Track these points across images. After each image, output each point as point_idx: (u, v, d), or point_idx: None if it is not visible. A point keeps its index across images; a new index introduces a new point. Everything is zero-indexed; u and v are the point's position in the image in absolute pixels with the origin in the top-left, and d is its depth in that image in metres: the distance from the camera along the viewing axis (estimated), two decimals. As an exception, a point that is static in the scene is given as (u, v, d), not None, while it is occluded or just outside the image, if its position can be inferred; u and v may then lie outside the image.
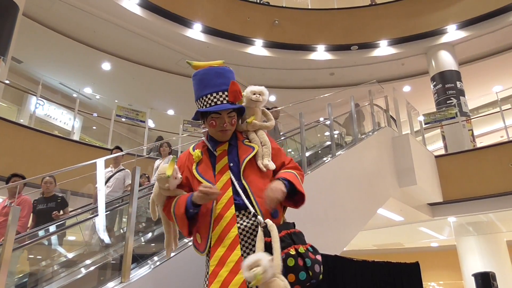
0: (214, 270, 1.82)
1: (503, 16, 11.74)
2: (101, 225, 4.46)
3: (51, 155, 8.78)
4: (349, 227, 5.97)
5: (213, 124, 2.02)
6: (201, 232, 1.96)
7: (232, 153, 2.06)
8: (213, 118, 2.02)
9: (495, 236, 11.47)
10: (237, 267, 1.78)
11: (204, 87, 2.06)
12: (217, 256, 1.84)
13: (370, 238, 14.18)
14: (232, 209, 1.89)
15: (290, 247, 1.77)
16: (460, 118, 11.18)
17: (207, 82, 2.06)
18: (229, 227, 1.86)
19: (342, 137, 8.74)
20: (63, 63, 12.70)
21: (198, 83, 2.10)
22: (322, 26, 13.22)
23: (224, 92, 2.03)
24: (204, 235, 1.93)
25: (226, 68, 2.13)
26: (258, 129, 2.19)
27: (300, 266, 1.73)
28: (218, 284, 1.79)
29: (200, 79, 2.10)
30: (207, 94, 2.04)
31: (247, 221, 1.89)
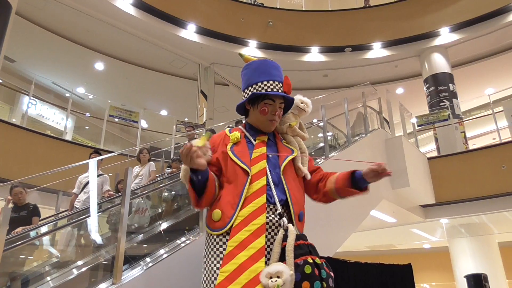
0: (232, 251, 1.75)
1: (496, 19, 11.82)
2: (94, 226, 4.43)
3: (43, 155, 8.72)
4: (342, 228, 5.98)
5: (265, 111, 2.03)
6: (224, 210, 1.88)
7: (271, 146, 2.07)
8: (266, 104, 2.03)
9: (487, 238, 11.54)
10: (258, 254, 1.73)
11: (260, 74, 2.08)
12: (238, 238, 1.77)
13: (363, 240, 14.23)
14: (263, 198, 1.86)
15: (307, 255, 1.76)
16: (452, 120, 11.24)
17: (263, 70, 2.09)
18: (258, 214, 1.82)
19: (335, 138, 8.76)
20: (56, 62, 12.63)
21: (253, 71, 2.11)
22: (316, 27, 13.25)
23: (280, 82, 2.08)
24: (228, 214, 1.86)
25: (279, 65, 2.19)
26: (296, 135, 2.24)
27: (316, 275, 1.71)
28: (233, 266, 1.71)
29: (256, 67, 2.12)
30: (263, 80, 2.05)
31: (273, 217, 1.86)
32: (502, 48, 13.00)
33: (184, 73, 13.47)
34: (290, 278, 1.62)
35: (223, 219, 1.86)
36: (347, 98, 8.00)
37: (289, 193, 1.93)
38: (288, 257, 1.71)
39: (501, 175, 9.26)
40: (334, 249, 5.53)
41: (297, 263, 1.71)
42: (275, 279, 1.60)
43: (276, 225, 1.85)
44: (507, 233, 12.46)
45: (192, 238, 3.28)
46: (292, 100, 2.16)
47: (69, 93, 12.62)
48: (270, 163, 1.98)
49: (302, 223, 2.01)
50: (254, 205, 1.84)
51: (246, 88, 2.10)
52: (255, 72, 2.10)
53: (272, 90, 2.03)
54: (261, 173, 1.92)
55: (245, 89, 2.11)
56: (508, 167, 9.25)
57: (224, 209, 1.88)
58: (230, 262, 1.72)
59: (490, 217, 10.69)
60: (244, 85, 2.12)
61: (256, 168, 1.93)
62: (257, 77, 2.07)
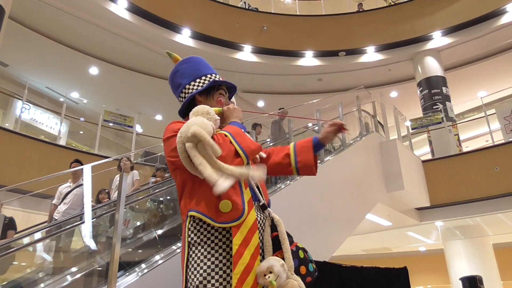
0: (239, 250, 1.62)
1: (487, 22, 11.92)
2: (87, 232, 4.40)
3: (37, 160, 8.68)
4: (338, 232, 5.99)
5: (221, 101, 1.99)
6: (233, 199, 1.68)
7: None
8: (221, 94, 2.01)
9: (481, 240, 11.58)
10: (256, 252, 1.66)
11: (206, 68, 2.06)
12: (241, 235, 1.64)
13: (358, 243, 14.23)
14: (249, 191, 1.77)
15: (294, 242, 1.80)
16: (446, 123, 11.30)
17: (207, 65, 2.09)
18: (250, 208, 1.72)
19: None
20: (50, 67, 12.58)
21: (197, 64, 2.08)
22: (310, 32, 13.30)
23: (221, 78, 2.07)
24: (239, 202, 1.68)
25: None
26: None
27: (307, 258, 1.78)
28: (242, 266, 1.60)
29: (198, 61, 2.11)
30: (212, 73, 2.04)
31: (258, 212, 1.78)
32: (494, 51, 13.10)
33: (179, 77, 13.43)
34: (282, 269, 1.61)
35: (236, 208, 1.67)
36: (342, 102, 8.03)
37: (258, 184, 1.88)
38: (284, 245, 1.72)
39: (494, 177, 9.32)
40: (330, 253, 5.53)
41: (292, 250, 1.73)
42: (268, 276, 1.59)
43: (260, 220, 1.76)
44: (502, 235, 12.52)
45: (188, 244, 3.27)
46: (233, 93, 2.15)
47: (63, 97, 12.57)
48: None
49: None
50: (246, 198, 1.74)
51: (193, 80, 2.00)
52: (199, 65, 2.08)
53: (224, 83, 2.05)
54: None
55: (191, 82, 2.00)
56: (501, 169, 9.31)
57: (233, 198, 1.68)
58: (239, 262, 1.60)
59: (484, 219, 10.74)
60: (188, 79, 2.02)
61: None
62: (203, 69, 2.05)
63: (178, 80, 2.06)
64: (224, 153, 1.67)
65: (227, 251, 1.67)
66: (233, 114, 1.88)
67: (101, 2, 10.17)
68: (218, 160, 1.63)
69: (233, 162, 1.68)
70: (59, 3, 10.06)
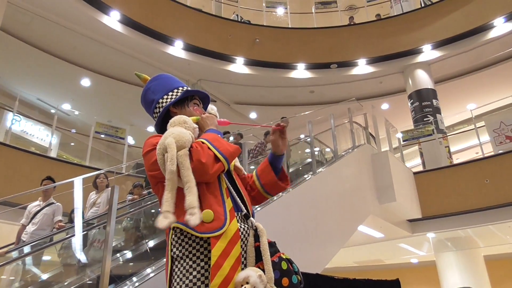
0: (217, 261, 1.59)
1: (475, 36, 12.10)
2: (78, 245, 4.37)
3: (27, 172, 8.60)
4: (330, 244, 5.98)
5: (197, 109, 2.01)
6: (215, 209, 1.69)
7: None
8: (196, 104, 2.04)
9: (473, 252, 11.62)
10: (237, 263, 1.63)
11: (176, 82, 2.10)
12: (220, 247, 1.62)
13: (351, 255, 14.21)
14: (230, 201, 1.77)
15: (278, 252, 1.75)
16: (437, 135, 11.39)
17: (175, 80, 2.13)
18: (231, 218, 1.71)
19: (322, 154, 8.81)
20: (41, 78, 12.54)
21: (166, 80, 2.12)
22: (302, 44, 13.40)
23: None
24: (220, 211, 1.69)
25: None
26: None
27: (291, 270, 1.71)
28: (221, 278, 1.57)
29: (167, 77, 2.15)
30: (182, 86, 2.08)
31: (240, 223, 1.76)
32: (482, 64, 13.29)
33: (171, 89, 13.44)
34: (259, 280, 1.57)
35: (218, 218, 1.67)
36: (333, 114, 8.08)
37: (242, 193, 1.89)
38: (265, 256, 1.68)
39: (485, 189, 9.39)
40: (323, 265, 5.52)
41: (273, 261, 1.68)
42: (244, 286, 1.55)
43: (242, 230, 1.74)
44: (493, 247, 12.57)
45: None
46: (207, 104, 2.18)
47: (55, 109, 12.52)
48: None
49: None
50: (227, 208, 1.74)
51: (165, 94, 2.04)
52: (169, 80, 2.12)
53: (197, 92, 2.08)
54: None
55: (163, 96, 2.04)
56: (491, 181, 9.39)
57: (214, 208, 1.69)
58: (218, 273, 1.58)
59: (475, 230, 10.79)
60: (160, 93, 2.05)
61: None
62: (175, 83, 2.09)
63: (150, 97, 2.10)
64: (204, 159, 1.66)
65: (209, 264, 1.64)
66: (208, 122, 1.91)
67: (94, 15, 10.19)
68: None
69: (214, 167, 1.69)
70: (51, 15, 10.07)
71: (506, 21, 11.66)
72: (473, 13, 12.13)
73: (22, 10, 9.80)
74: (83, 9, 9.99)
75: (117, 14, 10.52)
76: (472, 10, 12.20)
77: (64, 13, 10.02)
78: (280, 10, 15.06)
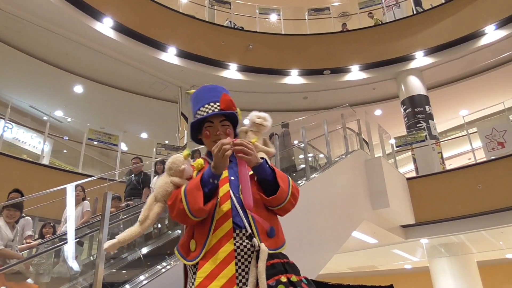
0: (202, 282, 1.68)
1: (467, 43, 12.21)
2: (70, 253, 4.33)
3: (19, 180, 8.53)
4: (324, 250, 5.97)
5: (207, 135, 2.00)
6: (197, 238, 1.82)
7: (232, 168, 1.98)
8: (206, 128, 2.00)
9: (466, 257, 11.66)
10: (229, 284, 1.67)
11: (197, 103, 2.08)
12: (207, 268, 1.71)
13: (344, 261, 14.20)
14: (229, 223, 1.79)
15: (282, 274, 1.69)
16: (429, 141, 11.44)
17: (200, 98, 2.09)
18: (225, 241, 1.76)
19: (316, 159, 8.82)
20: (33, 85, 12.47)
21: (193, 102, 2.12)
22: (295, 51, 13.45)
23: (216, 103, 2.03)
24: (201, 241, 1.80)
25: (218, 86, 2.17)
26: (260, 151, 2.20)
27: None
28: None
29: (195, 97, 2.12)
30: (200, 107, 2.04)
31: (246, 242, 1.78)
32: (474, 71, 13.40)
33: (165, 95, 13.46)
34: None
35: (198, 248, 1.80)
36: (327, 120, 8.10)
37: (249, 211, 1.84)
38: (260, 278, 1.64)
39: (477, 195, 9.43)
40: (317, 271, 5.51)
41: (269, 284, 1.64)
42: None
43: (246, 250, 1.77)
44: (485, 252, 12.62)
45: (173, 263, 3.23)
46: (233, 115, 2.07)
47: (47, 116, 12.46)
48: (233, 186, 1.91)
49: (275, 239, 1.88)
50: (220, 232, 1.78)
51: (194, 116, 2.09)
52: (194, 102, 2.12)
53: (208, 113, 2.00)
54: (226, 196, 1.87)
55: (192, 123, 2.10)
56: (483, 186, 9.44)
57: (198, 237, 1.82)
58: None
59: (468, 236, 10.83)
60: (192, 116, 2.13)
61: (221, 192, 1.87)
62: (195, 106, 2.08)
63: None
64: (174, 214, 1.86)
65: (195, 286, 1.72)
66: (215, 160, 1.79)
67: (87, 21, 10.17)
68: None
69: (187, 221, 1.84)
70: (43, 22, 10.03)
71: (497, 28, 11.78)
72: (465, 20, 12.25)
73: (13, 17, 9.76)
74: (76, 16, 9.97)
75: (110, 21, 10.51)
76: (464, 17, 12.32)
77: (57, 20, 9.98)
78: (273, 16, 15.10)
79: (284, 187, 1.90)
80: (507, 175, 9.28)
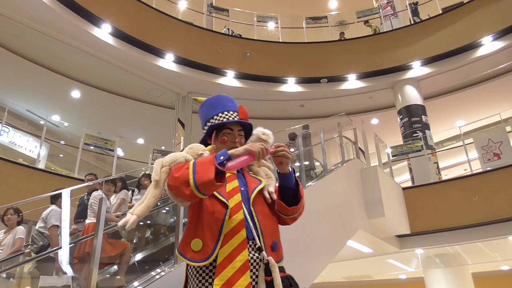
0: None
1: (464, 54, 12.28)
2: (64, 258, 4.30)
3: (14, 184, 8.51)
4: (319, 259, 5.95)
5: (224, 140, 2.06)
6: (205, 241, 1.81)
7: (240, 178, 2.04)
8: (225, 134, 2.07)
9: (461, 268, 11.64)
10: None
11: (215, 108, 2.15)
12: (224, 276, 1.73)
13: (339, 270, 14.16)
14: (243, 233, 1.82)
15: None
16: (425, 151, 11.47)
17: (217, 104, 2.17)
18: (240, 250, 1.79)
19: (311, 168, 8.82)
20: (31, 90, 12.46)
21: (208, 107, 2.19)
22: (292, 59, 13.50)
23: (234, 112, 2.14)
24: (210, 246, 1.80)
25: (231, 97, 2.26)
26: (262, 165, 2.27)
27: None
28: None
29: (210, 103, 2.20)
30: (218, 113, 2.12)
31: (253, 253, 1.82)
32: (471, 82, 13.48)
33: (162, 102, 13.47)
34: None
35: (205, 251, 1.80)
36: (323, 128, 8.11)
37: (259, 224, 1.88)
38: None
39: (473, 206, 9.44)
40: (311, 280, 5.49)
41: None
42: None
43: (257, 261, 1.81)
44: (481, 264, 12.62)
45: (167, 270, 3.21)
46: (250, 126, 2.19)
47: (44, 120, 12.43)
48: (242, 196, 1.94)
49: (276, 253, 1.93)
50: (236, 241, 1.81)
51: (205, 125, 2.16)
52: (210, 107, 2.19)
53: (228, 119, 2.09)
54: (238, 207, 1.89)
55: (204, 126, 2.17)
56: (479, 198, 9.45)
57: (206, 240, 1.81)
58: None
59: (463, 247, 10.82)
60: (203, 123, 2.19)
61: (233, 202, 1.89)
62: (212, 111, 2.15)
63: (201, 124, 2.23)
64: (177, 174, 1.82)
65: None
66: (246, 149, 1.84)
67: (85, 27, 10.19)
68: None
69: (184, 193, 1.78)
70: (42, 27, 10.04)
71: (494, 39, 11.86)
72: (462, 31, 12.34)
73: (12, 21, 9.76)
74: (74, 21, 9.98)
75: (108, 27, 10.53)
76: (461, 28, 12.41)
77: (55, 25, 9.99)
78: (271, 24, 15.18)
79: (302, 195, 2.01)
80: (503, 186, 9.30)
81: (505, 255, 12.09)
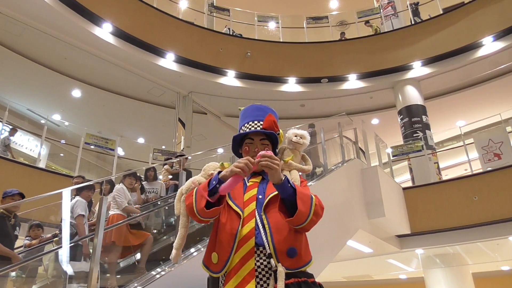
0: None
1: (465, 54, 12.28)
2: (65, 257, 4.31)
3: (15, 183, 8.48)
4: (319, 259, 5.96)
5: (246, 150, 2.09)
6: (220, 253, 1.90)
7: (263, 186, 2.05)
8: (246, 144, 2.10)
9: (461, 269, 11.64)
10: None
11: (243, 119, 2.20)
12: (233, 283, 1.80)
13: (339, 270, 14.17)
14: (252, 241, 1.85)
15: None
16: (426, 151, 11.47)
17: (247, 114, 2.21)
18: (247, 259, 1.83)
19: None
20: (32, 89, 12.48)
21: (241, 117, 2.24)
22: (293, 59, 13.50)
23: (260, 121, 2.14)
24: (223, 257, 1.88)
25: (267, 106, 2.26)
26: (294, 169, 2.27)
27: None
28: None
29: (243, 113, 2.25)
30: (244, 123, 2.16)
31: (262, 261, 1.84)
32: (471, 82, 13.48)
33: (162, 101, 13.48)
34: None
35: (220, 263, 1.89)
36: (324, 128, 8.11)
37: (270, 231, 1.87)
38: None
39: (473, 206, 9.44)
40: (311, 280, 5.48)
41: None
42: None
43: (267, 269, 1.82)
44: (481, 264, 12.62)
45: (168, 269, 3.22)
46: (274, 134, 2.12)
47: (45, 119, 12.44)
48: (258, 204, 1.96)
49: (295, 260, 1.88)
50: (245, 248, 1.84)
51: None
52: (241, 117, 2.24)
53: (249, 130, 2.11)
54: (251, 215, 1.91)
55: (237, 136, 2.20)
56: (479, 198, 9.45)
57: (220, 252, 1.90)
58: None
59: (463, 247, 10.82)
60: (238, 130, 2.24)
61: (247, 211, 1.92)
62: (242, 121, 2.21)
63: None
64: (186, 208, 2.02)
65: None
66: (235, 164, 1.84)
67: (86, 26, 10.19)
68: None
69: (194, 217, 1.97)
70: (43, 26, 10.05)
71: (495, 40, 11.86)
72: (463, 31, 12.33)
73: (13, 20, 9.78)
74: (75, 21, 9.98)
75: (109, 26, 10.53)
76: (462, 28, 12.40)
77: (56, 24, 10.00)
78: (271, 24, 15.18)
79: (304, 210, 1.84)
80: (503, 186, 9.30)
81: (506, 255, 12.08)
